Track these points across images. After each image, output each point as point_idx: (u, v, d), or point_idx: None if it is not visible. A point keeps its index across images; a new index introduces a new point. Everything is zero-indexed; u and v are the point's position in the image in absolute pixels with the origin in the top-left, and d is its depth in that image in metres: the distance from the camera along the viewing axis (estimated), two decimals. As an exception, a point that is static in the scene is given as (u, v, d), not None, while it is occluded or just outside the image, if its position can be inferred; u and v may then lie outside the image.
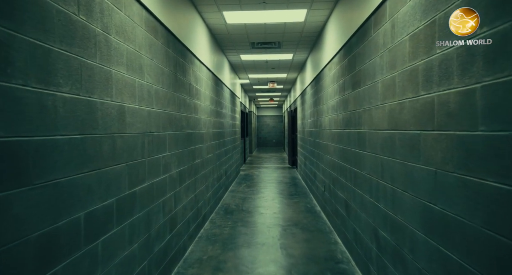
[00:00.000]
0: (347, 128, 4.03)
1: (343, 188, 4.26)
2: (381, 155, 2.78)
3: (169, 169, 3.42)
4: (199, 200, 4.83)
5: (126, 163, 2.39)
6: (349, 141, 3.91)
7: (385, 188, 2.70)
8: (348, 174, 3.99)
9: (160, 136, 3.14)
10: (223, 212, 6.05)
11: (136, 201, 2.57)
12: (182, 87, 3.96)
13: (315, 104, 6.82)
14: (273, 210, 6.17)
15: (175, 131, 3.64)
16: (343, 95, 4.22)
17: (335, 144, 4.74)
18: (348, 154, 3.95)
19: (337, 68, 4.57)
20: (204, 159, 5.28)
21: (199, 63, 4.95)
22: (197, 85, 4.83)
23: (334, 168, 4.83)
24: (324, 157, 5.77)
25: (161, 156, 3.16)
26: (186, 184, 4.09)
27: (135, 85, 2.58)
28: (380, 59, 2.80)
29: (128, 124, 2.43)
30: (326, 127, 5.54)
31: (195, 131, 4.68)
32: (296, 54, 7.82)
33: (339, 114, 4.48)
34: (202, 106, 5.13)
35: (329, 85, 5.20)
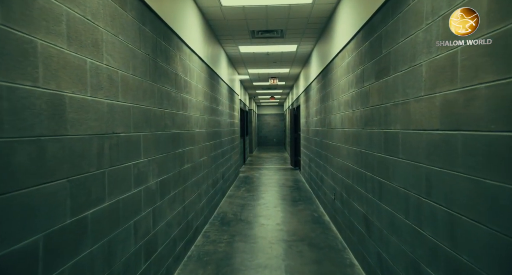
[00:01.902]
0: (367, 128, 3.29)
1: (361, 199, 3.52)
2: (427, 164, 2.04)
3: (145, 179, 2.69)
4: (189, 212, 4.10)
5: (67, 178, 1.65)
6: (371, 143, 3.17)
7: (434, 211, 1.96)
8: (368, 184, 3.25)
9: (131, 139, 2.41)
10: (219, 222, 5.31)
11: (87, 230, 1.83)
12: (165, 77, 3.22)
13: (323, 100, 6.07)
14: (275, 219, 5.43)
15: (154, 132, 2.90)
16: (361, 87, 3.48)
17: (350, 145, 4.00)
18: (369, 159, 3.21)
19: (353, 56, 3.83)
20: (196, 163, 4.55)
21: (189, 51, 4.21)
22: (187, 77, 4.09)
23: (348, 174, 4.09)
24: (334, 160, 5.03)
25: (132, 164, 2.43)
26: (170, 196, 3.36)
27: (86, 68, 1.84)
28: (425, 34, 2.05)
29: (72, 123, 1.70)
30: (337, 126, 4.80)
31: (184, 131, 3.94)
32: (300, 45, 7.07)
33: (355, 110, 3.73)
34: (193, 101, 4.39)
35: (341, 77, 4.46)
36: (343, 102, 4.35)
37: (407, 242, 2.33)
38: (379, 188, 2.93)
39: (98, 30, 1.97)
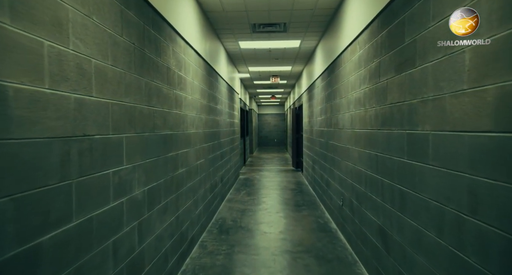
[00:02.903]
0: (384, 128, 2.90)
1: (376, 209, 3.13)
2: (471, 174, 1.64)
3: (129, 188, 2.29)
4: (183, 221, 3.70)
5: (10, 197, 1.26)
6: (389, 146, 2.77)
7: (482, 233, 1.56)
8: (386, 192, 2.85)
9: (109, 142, 2.01)
10: (217, 230, 4.92)
11: (42, 261, 1.43)
12: (155, 70, 2.82)
13: (328, 99, 5.68)
14: (278, 227, 5.03)
15: (141, 133, 2.51)
16: (376, 83, 3.09)
17: (361, 148, 3.60)
18: (387, 163, 2.82)
19: (366, 49, 3.43)
20: (192, 167, 4.15)
21: (184, 44, 3.82)
22: (181, 72, 3.69)
23: (360, 180, 3.69)
24: (342, 163, 4.63)
25: (111, 172, 2.03)
26: (161, 205, 2.96)
27: (43, 53, 1.44)
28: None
29: (19, 122, 1.30)
30: (345, 127, 4.41)
31: (178, 132, 3.55)
32: (304, 40, 6.67)
33: (368, 109, 3.34)
34: (188, 99, 4.00)
35: (351, 73, 4.07)
36: (354, 100, 3.96)
37: (442, 267, 1.94)
38: (401, 198, 2.54)
39: (61, 6, 1.57)
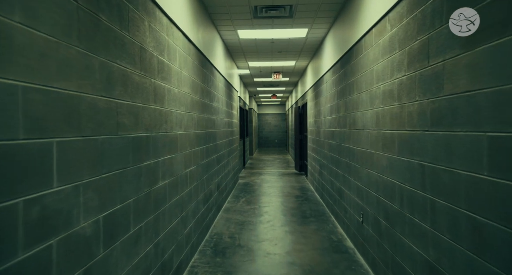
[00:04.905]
0: (438, 129, 2.09)
1: (424, 238, 2.32)
2: None
3: (64, 222, 1.48)
4: (165, 248, 2.89)
5: None
6: (448, 154, 1.96)
7: None
8: (441, 217, 2.04)
9: (19, 152, 1.20)
10: (211, 251, 4.10)
11: None
12: (118, 48, 2.01)
13: (342, 94, 4.87)
14: (284, 246, 4.22)
15: (92, 136, 1.70)
16: (422, 67, 2.28)
17: (394, 154, 2.79)
18: (443, 178, 2.01)
19: (404, 24, 2.62)
20: (179, 176, 3.34)
21: (167, 22, 3.01)
22: (163, 57, 2.88)
23: (392, 195, 2.88)
24: (362, 171, 3.82)
25: (21, 202, 1.22)
26: (129, 235, 2.15)
27: None
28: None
29: None
30: (367, 127, 3.60)
31: (159, 134, 2.74)
32: (312, 28, 5.85)
33: (407, 104, 2.53)
34: (174, 93, 3.19)
35: (377, 60, 3.26)
36: (381, 94, 3.15)
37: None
38: (473, 232, 1.73)
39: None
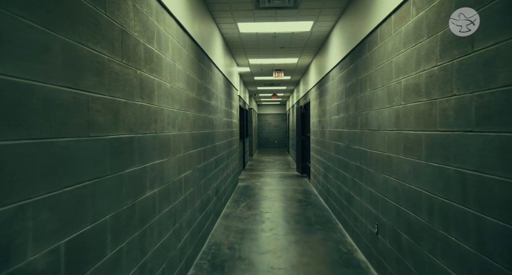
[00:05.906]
0: (487, 130, 1.69)
1: (465, 262, 1.91)
2: None
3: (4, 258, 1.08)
4: (154, 268, 2.48)
5: None
6: (503, 161, 1.56)
7: None
8: (490, 238, 1.64)
9: None
10: (208, 264, 3.70)
11: None
12: (89, 27, 1.61)
13: (352, 91, 4.47)
14: (289, 258, 3.81)
15: (45, 139, 1.30)
16: (462, 54, 1.88)
17: (420, 159, 2.39)
18: (494, 190, 1.61)
19: (435, 5, 2.22)
20: (172, 183, 2.94)
21: (157, 5, 2.61)
22: (152, 45, 2.48)
23: (418, 206, 2.47)
24: (376, 175, 3.42)
25: None
26: (105, 260, 1.74)
27: None
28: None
29: None
30: (382, 127, 3.19)
31: (146, 135, 2.33)
32: (318, 21, 5.45)
33: (438, 100, 2.13)
34: (166, 87, 2.78)
35: (398, 51, 2.86)
36: (402, 89, 2.75)
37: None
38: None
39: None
